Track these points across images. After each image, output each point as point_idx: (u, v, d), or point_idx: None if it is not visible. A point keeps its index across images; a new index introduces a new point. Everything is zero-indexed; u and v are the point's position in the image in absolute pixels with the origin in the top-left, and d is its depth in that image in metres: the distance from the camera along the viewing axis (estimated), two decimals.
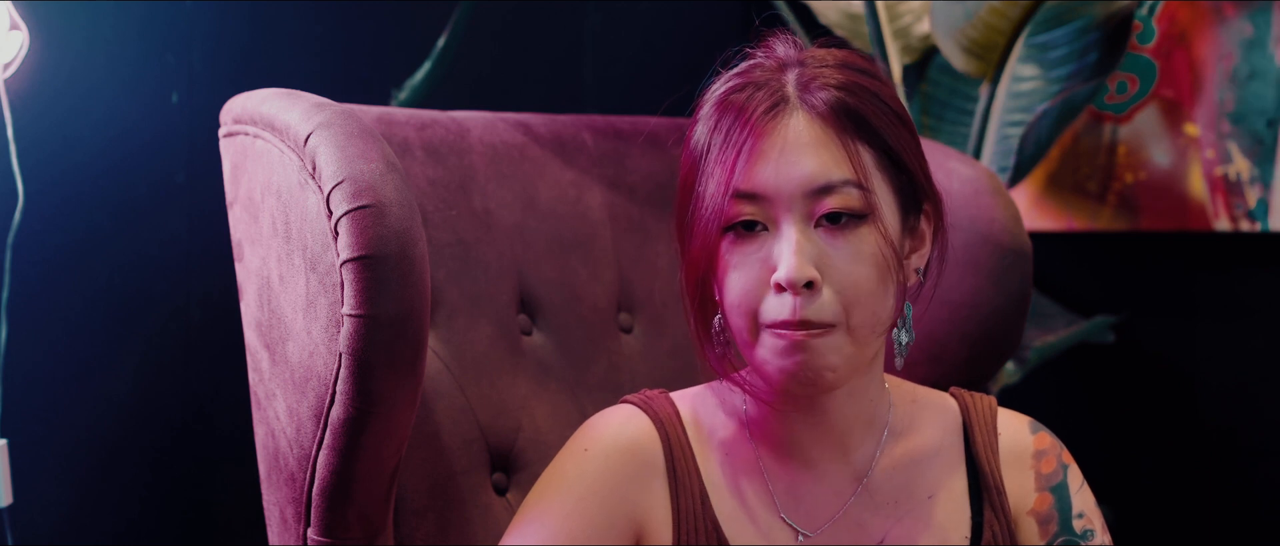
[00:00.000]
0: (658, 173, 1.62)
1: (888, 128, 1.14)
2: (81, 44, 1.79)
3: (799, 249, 1.11)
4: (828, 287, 1.11)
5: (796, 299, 1.11)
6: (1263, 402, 2.24)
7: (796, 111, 1.14)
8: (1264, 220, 2.18)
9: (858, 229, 1.12)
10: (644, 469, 1.21)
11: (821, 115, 1.13)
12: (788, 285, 1.11)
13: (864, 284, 1.12)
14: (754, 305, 1.13)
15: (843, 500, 1.22)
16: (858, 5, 2.30)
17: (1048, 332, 2.24)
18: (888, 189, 1.15)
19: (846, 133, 1.13)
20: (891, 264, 1.13)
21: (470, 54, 2.16)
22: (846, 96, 1.13)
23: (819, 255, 1.12)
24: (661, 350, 1.57)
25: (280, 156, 1.26)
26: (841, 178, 1.12)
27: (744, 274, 1.14)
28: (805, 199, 1.12)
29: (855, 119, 1.13)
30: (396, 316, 1.18)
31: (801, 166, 1.12)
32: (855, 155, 1.12)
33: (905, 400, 1.26)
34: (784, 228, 1.12)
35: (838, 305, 1.12)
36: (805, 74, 1.15)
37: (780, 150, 1.12)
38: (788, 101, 1.14)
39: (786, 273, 1.10)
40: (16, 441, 1.71)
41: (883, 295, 1.13)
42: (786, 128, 1.13)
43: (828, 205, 1.12)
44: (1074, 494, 1.25)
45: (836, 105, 1.13)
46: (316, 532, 1.25)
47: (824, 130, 1.13)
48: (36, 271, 1.75)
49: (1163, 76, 2.28)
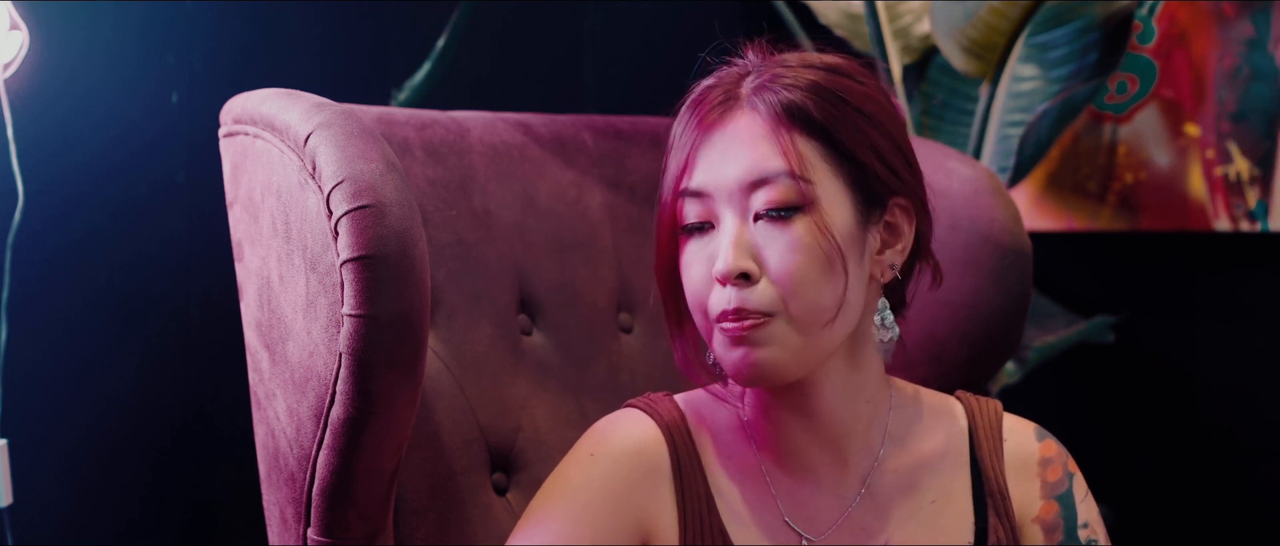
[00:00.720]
0: (658, 173, 1.62)
1: (840, 123, 1.16)
2: (81, 44, 1.79)
3: (735, 241, 1.14)
4: (764, 278, 1.14)
5: (733, 290, 1.14)
6: (1263, 402, 2.24)
7: (741, 109, 1.17)
8: (1264, 220, 2.18)
9: (795, 220, 1.14)
10: (650, 473, 1.21)
11: (763, 113, 1.16)
12: (722, 277, 1.14)
13: (799, 273, 1.13)
14: (704, 300, 1.16)
15: (846, 504, 1.22)
16: (858, 5, 2.30)
17: (1048, 332, 2.24)
18: (837, 182, 1.16)
19: (784, 127, 1.15)
20: (832, 255, 1.14)
21: (470, 54, 2.16)
22: (793, 94, 1.16)
23: (756, 247, 1.14)
24: (661, 350, 1.56)
25: (280, 156, 1.26)
26: (775, 169, 1.14)
27: (695, 271, 1.17)
28: (742, 193, 1.15)
29: (797, 113, 1.15)
30: (396, 316, 1.18)
31: (738, 162, 1.15)
32: (789, 147, 1.14)
33: (908, 403, 1.26)
34: (724, 222, 1.15)
35: (774, 294, 1.14)
36: (763, 76, 1.18)
37: (721, 147, 1.16)
38: (737, 100, 1.17)
39: (722, 265, 1.14)
40: (16, 441, 1.71)
41: (823, 285, 1.14)
42: (731, 125, 1.17)
43: (764, 198, 1.14)
44: (1079, 503, 1.25)
45: (781, 103, 1.15)
46: (316, 532, 1.25)
47: (763, 126, 1.15)
48: (36, 271, 1.75)
49: (1163, 76, 2.28)
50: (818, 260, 1.14)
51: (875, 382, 1.23)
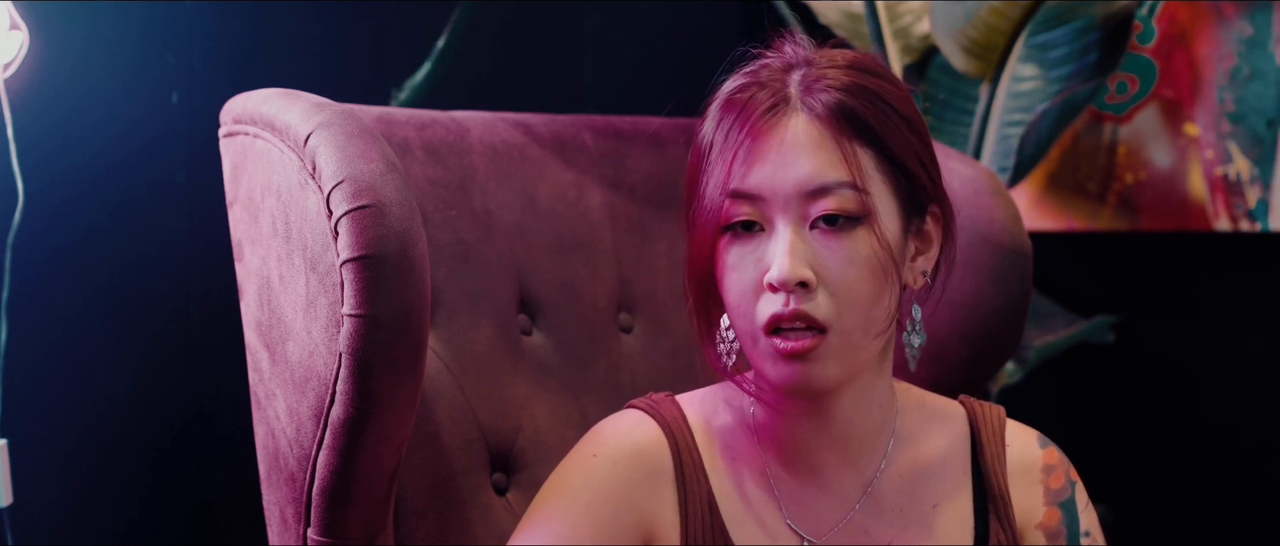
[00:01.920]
0: (658, 173, 1.62)
1: (890, 131, 1.14)
2: (81, 44, 1.79)
3: (792, 249, 1.11)
4: (822, 289, 1.12)
5: (790, 297, 1.11)
6: (1263, 402, 2.24)
7: (796, 112, 1.14)
8: (1264, 220, 2.18)
9: (853, 231, 1.12)
10: (652, 474, 1.20)
11: (820, 117, 1.13)
12: (780, 285, 1.11)
13: (858, 286, 1.12)
14: (751, 306, 1.14)
15: (848, 507, 1.22)
16: (858, 5, 2.30)
17: (1048, 332, 2.24)
18: (888, 192, 1.15)
19: (845, 134, 1.13)
20: (887, 267, 1.13)
21: (470, 54, 2.16)
22: (848, 98, 1.13)
23: (813, 256, 1.12)
24: (662, 350, 1.56)
25: (280, 156, 1.26)
26: (837, 179, 1.12)
27: (741, 274, 1.14)
28: (800, 200, 1.12)
29: (855, 121, 1.13)
30: (396, 316, 1.18)
31: (797, 167, 1.12)
32: (852, 157, 1.12)
33: (913, 406, 1.26)
34: (779, 228, 1.13)
35: (832, 306, 1.12)
36: (810, 75, 1.15)
37: (778, 151, 1.13)
38: (788, 102, 1.14)
39: (779, 273, 1.11)
40: (16, 441, 1.71)
41: (877, 298, 1.13)
42: (785, 128, 1.13)
43: (823, 207, 1.12)
44: (1081, 511, 1.25)
45: (836, 107, 1.13)
46: (316, 532, 1.25)
47: (822, 132, 1.13)
48: (36, 271, 1.75)
49: (1163, 76, 2.28)
50: (874, 272, 1.13)
51: (887, 387, 1.23)
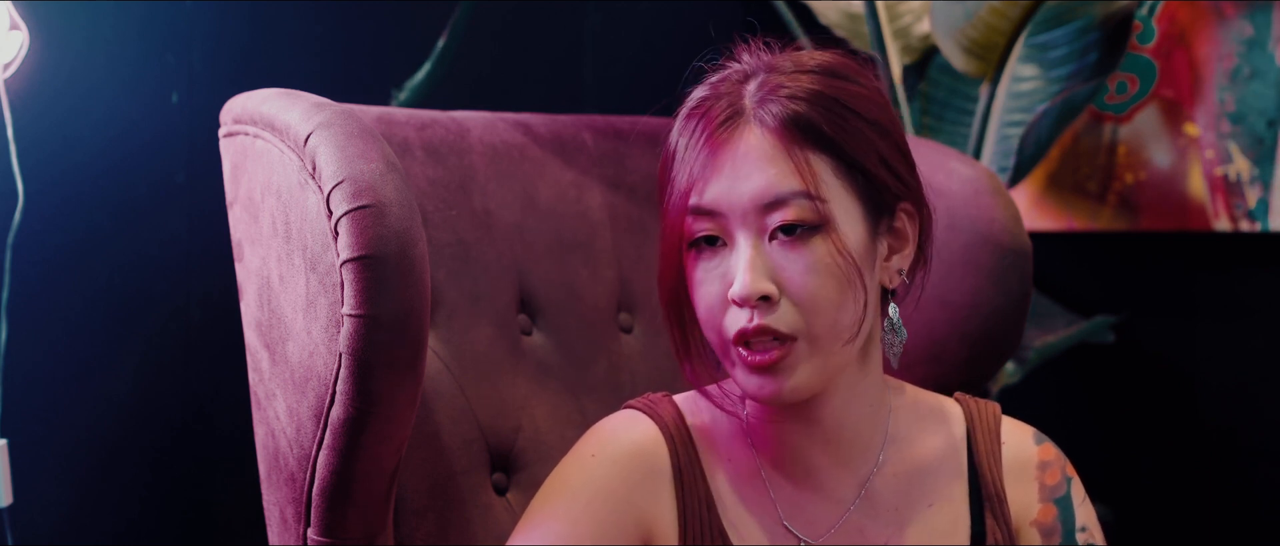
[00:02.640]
0: (658, 173, 1.62)
1: (848, 135, 1.14)
2: (81, 44, 1.79)
3: (751, 264, 1.12)
4: (785, 300, 1.12)
5: (754, 311, 1.12)
6: (1263, 402, 2.24)
7: (749, 124, 1.14)
8: (1264, 220, 2.18)
9: (812, 240, 1.13)
10: (650, 474, 1.20)
11: (771, 128, 1.13)
12: (742, 301, 1.12)
13: (821, 294, 1.12)
14: (719, 320, 1.15)
15: (844, 508, 1.22)
16: (858, 5, 2.30)
17: (1048, 332, 2.24)
18: (849, 196, 1.14)
19: (796, 143, 1.13)
20: (850, 273, 1.13)
21: (470, 54, 2.16)
22: (799, 106, 1.13)
23: (773, 268, 1.13)
24: (661, 350, 1.56)
25: (280, 156, 1.26)
26: (790, 190, 1.12)
27: (707, 289, 1.15)
28: (757, 213, 1.13)
29: (808, 130, 1.13)
30: (396, 316, 1.18)
31: (751, 181, 1.13)
32: (804, 167, 1.12)
33: (908, 405, 1.26)
34: (739, 242, 1.13)
35: (796, 316, 1.12)
36: (764, 85, 1.16)
37: (732, 164, 1.14)
38: (742, 114, 1.15)
39: (740, 289, 1.12)
40: (16, 441, 1.71)
41: (841, 304, 1.13)
42: (739, 141, 1.14)
43: (780, 218, 1.12)
44: (1078, 507, 1.25)
45: (788, 118, 1.13)
46: (316, 532, 1.25)
47: (774, 143, 1.13)
48: (36, 271, 1.75)
49: (1163, 76, 2.28)
50: (837, 279, 1.13)
51: (878, 386, 1.23)
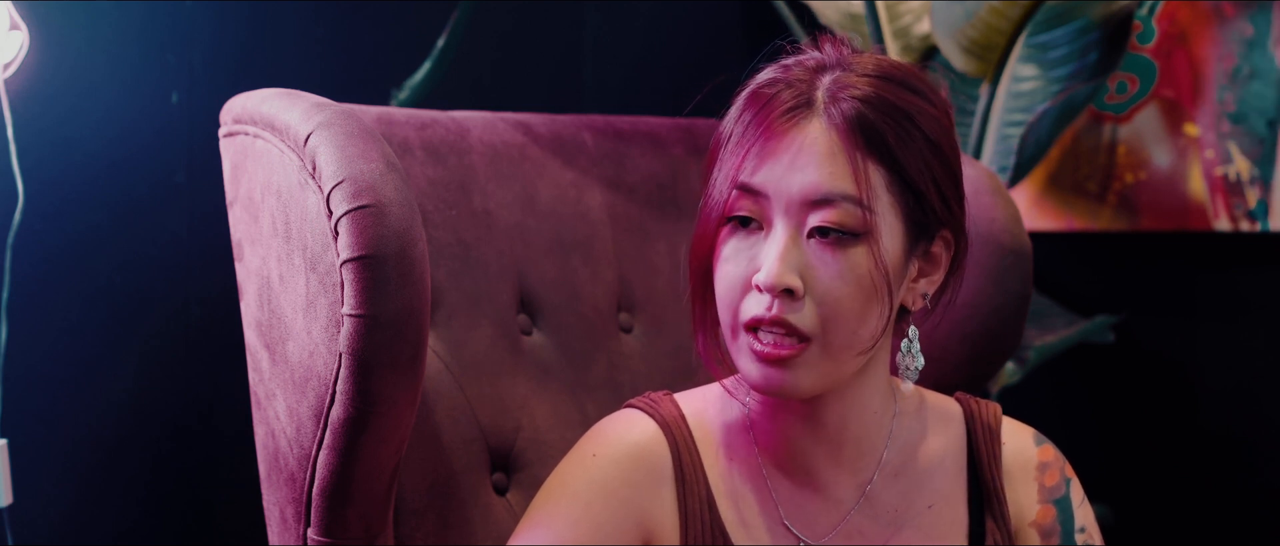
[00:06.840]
0: (658, 173, 1.62)
1: (909, 150, 1.12)
2: (81, 44, 1.80)
3: (784, 255, 1.11)
4: (809, 299, 1.11)
5: (775, 301, 1.11)
6: (1263, 402, 2.24)
7: (817, 118, 1.12)
8: (1264, 220, 2.18)
9: (850, 247, 1.11)
10: (652, 474, 1.20)
11: (838, 126, 1.11)
12: (766, 288, 1.11)
13: (845, 302, 1.11)
14: (736, 301, 1.13)
15: (844, 510, 1.22)
16: (858, 5, 2.30)
17: (1048, 332, 2.24)
18: (895, 212, 1.13)
19: (860, 148, 1.11)
20: (880, 287, 1.12)
21: (470, 54, 2.16)
22: (870, 111, 1.11)
23: (805, 265, 1.11)
24: (662, 350, 1.57)
25: (280, 156, 1.26)
26: (842, 192, 1.10)
27: (733, 267, 1.14)
28: (802, 207, 1.11)
29: (872, 135, 1.11)
30: (396, 316, 1.18)
31: (805, 174, 1.11)
32: (861, 172, 1.11)
33: (911, 407, 1.25)
34: (776, 230, 1.12)
35: (816, 318, 1.11)
36: (839, 80, 1.13)
37: (790, 153, 1.12)
38: (811, 106, 1.13)
39: (767, 276, 1.10)
40: (16, 441, 1.71)
41: (864, 316, 1.12)
42: (802, 132, 1.12)
43: (822, 217, 1.11)
44: (1076, 508, 1.25)
45: (856, 118, 1.11)
46: (316, 532, 1.25)
47: (837, 142, 1.11)
48: (36, 271, 1.75)
49: (1163, 76, 2.28)
50: (865, 290, 1.11)
51: (883, 391, 1.22)
